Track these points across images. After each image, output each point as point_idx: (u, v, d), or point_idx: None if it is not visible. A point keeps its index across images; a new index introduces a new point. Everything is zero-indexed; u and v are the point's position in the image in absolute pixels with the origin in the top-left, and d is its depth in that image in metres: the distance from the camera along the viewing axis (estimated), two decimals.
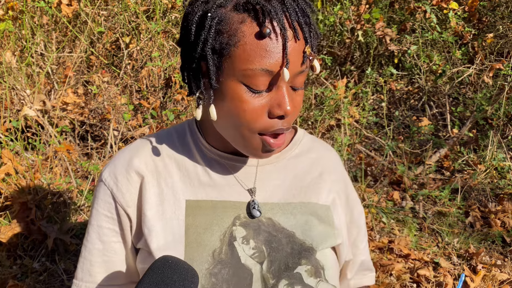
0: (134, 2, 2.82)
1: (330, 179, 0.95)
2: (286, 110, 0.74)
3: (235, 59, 0.72)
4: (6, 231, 1.97)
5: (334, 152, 1.01)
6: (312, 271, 0.85)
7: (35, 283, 1.92)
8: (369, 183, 2.76)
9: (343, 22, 3.21)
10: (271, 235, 0.85)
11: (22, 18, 2.67)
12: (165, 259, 0.71)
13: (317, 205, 0.91)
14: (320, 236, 0.88)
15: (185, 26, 0.78)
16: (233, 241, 0.83)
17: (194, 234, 0.83)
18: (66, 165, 2.35)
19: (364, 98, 3.04)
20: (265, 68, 0.71)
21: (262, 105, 0.75)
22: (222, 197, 0.87)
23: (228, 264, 0.81)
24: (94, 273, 0.90)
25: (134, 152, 0.89)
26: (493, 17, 3.49)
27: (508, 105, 3.03)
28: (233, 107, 0.75)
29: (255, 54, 0.71)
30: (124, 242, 0.90)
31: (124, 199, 0.86)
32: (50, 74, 2.67)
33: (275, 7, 0.71)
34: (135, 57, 2.83)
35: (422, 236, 2.43)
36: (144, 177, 0.86)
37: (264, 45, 0.70)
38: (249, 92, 0.74)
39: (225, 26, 0.72)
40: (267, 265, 0.83)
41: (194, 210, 0.85)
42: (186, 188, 0.86)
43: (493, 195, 2.71)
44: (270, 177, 0.90)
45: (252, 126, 0.76)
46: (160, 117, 2.62)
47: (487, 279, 2.09)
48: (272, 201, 0.88)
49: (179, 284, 0.69)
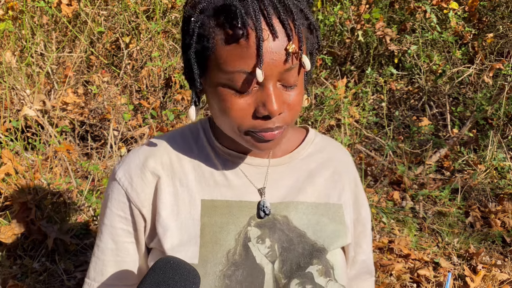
0: (134, 2, 2.82)
1: (341, 179, 0.95)
2: (271, 109, 0.73)
3: (215, 62, 0.73)
4: (6, 231, 1.97)
5: (345, 151, 1.02)
6: (323, 271, 0.85)
7: (35, 283, 1.92)
8: (369, 183, 2.76)
9: (343, 22, 3.21)
10: (284, 234, 0.85)
11: (22, 18, 2.67)
12: (167, 260, 0.71)
13: (329, 205, 0.92)
14: (331, 236, 0.88)
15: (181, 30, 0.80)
16: (247, 241, 0.83)
17: (210, 233, 0.83)
18: (66, 165, 2.35)
19: (364, 98, 3.04)
20: (243, 69, 0.71)
21: (248, 104, 0.74)
22: (237, 197, 0.87)
23: (242, 265, 0.82)
24: (107, 273, 0.90)
25: (149, 152, 0.89)
26: (493, 17, 3.49)
27: (508, 105, 3.03)
28: (223, 107, 0.75)
29: (231, 56, 0.71)
30: (137, 243, 0.90)
31: (139, 199, 0.86)
32: (50, 74, 2.67)
33: (249, 7, 0.69)
34: (135, 57, 2.83)
35: (422, 236, 2.43)
36: (160, 178, 0.86)
37: (235, 47, 0.70)
38: (235, 93, 0.74)
39: (204, 30, 0.73)
40: (279, 265, 0.83)
41: (209, 210, 0.85)
42: (201, 188, 0.86)
43: (493, 195, 2.71)
44: (283, 177, 0.91)
45: (240, 125, 0.76)
46: (160, 117, 2.62)
47: (487, 279, 2.09)
48: (287, 200, 0.89)
49: (180, 285, 0.69)
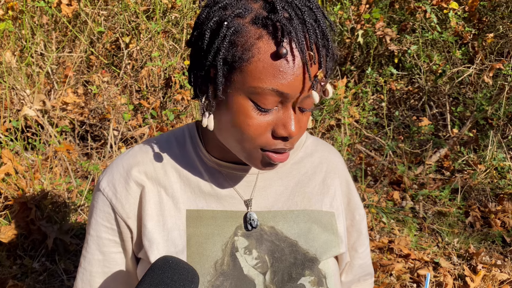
0: (134, 2, 2.82)
1: (333, 183, 0.93)
2: (291, 131, 0.72)
3: (246, 74, 0.69)
4: (6, 231, 1.97)
5: (337, 154, 0.99)
6: (315, 282, 0.83)
7: (35, 283, 1.92)
8: (369, 183, 2.76)
9: (343, 22, 3.21)
10: (274, 244, 0.84)
11: (22, 18, 2.67)
12: (165, 259, 0.71)
13: (321, 212, 0.89)
14: (323, 246, 0.86)
15: (199, 29, 0.75)
16: (235, 252, 0.82)
17: (196, 244, 0.81)
18: (66, 165, 2.35)
19: (364, 98, 3.04)
20: (275, 89, 0.69)
21: (267, 122, 0.73)
22: (223, 206, 0.85)
23: (230, 276, 0.80)
24: (95, 283, 0.88)
25: (133, 160, 0.86)
26: (493, 17, 3.49)
27: (508, 105, 3.03)
28: (238, 120, 0.73)
29: (267, 73, 0.68)
30: (125, 252, 0.88)
31: (124, 210, 0.84)
32: (50, 74, 2.67)
33: (296, 28, 0.68)
34: (135, 57, 2.83)
35: (422, 236, 2.43)
36: (144, 187, 0.84)
37: (278, 65, 0.68)
38: (255, 109, 0.72)
39: (240, 38, 0.69)
40: (270, 276, 0.81)
41: (195, 220, 0.83)
42: (187, 198, 0.84)
43: (493, 195, 2.71)
44: (272, 184, 0.88)
45: (254, 141, 0.74)
46: (160, 117, 2.62)
47: (487, 279, 2.09)
48: (274, 209, 0.86)
49: (179, 284, 0.69)
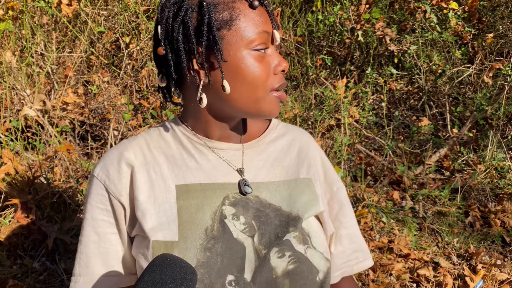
0: (134, 2, 2.82)
1: (307, 156, 1.04)
2: (286, 63, 0.89)
3: (239, 29, 0.85)
4: (6, 231, 1.97)
5: (307, 133, 1.10)
6: (300, 238, 0.91)
7: (35, 283, 1.92)
8: (369, 183, 2.76)
9: (343, 22, 3.21)
10: (259, 210, 0.92)
11: (22, 18, 2.67)
12: (164, 257, 0.71)
13: (299, 179, 0.99)
14: (304, 206, 0.95)
15: (173, 23, 0.86)
16: (223, 218, 0.89)
17: (186, 215, 0.88)
18: (66, 165, 2.35)
19: (364, 98, 3.04)
20: (264, 30, 0.86)
21: (267, 64, 0.87)
22: (210, 179, 0.93)
23: (221, 239, 0.86)
24: (91, 264, 0.92)
25: (123, 147, 0.95)
26: (493, 17, 3.49)
27: (508, 105, 3.03)
28: (249, 71, 0.85)
29: (253, 21, 0.86)
30: (120, 233, 0.93)
31: (116, 188, 0.91)
32: (50, 74, 2.67)
33: None
34: (135, 57, 2.83)
35: (422, 236, 2.43)
36: (134, 167, 0.91)
37: (257, 13, 0.86)
38: (257, 56, 0.86)
39: (221, 7, 0.84)
40: (258, 238, 0.89)
41: (184, 194, 0.90)
42: (174, 175, 0.92)
43: (493, 195, 2.71)
44: (253, 159, 0.98)
45: (266, 84, 0.87)
46: (160, 117, 2.62)
47: (487, 279, 2.09)
48: (257, 180, 0.96)
49: (177, 282, 0.69)
